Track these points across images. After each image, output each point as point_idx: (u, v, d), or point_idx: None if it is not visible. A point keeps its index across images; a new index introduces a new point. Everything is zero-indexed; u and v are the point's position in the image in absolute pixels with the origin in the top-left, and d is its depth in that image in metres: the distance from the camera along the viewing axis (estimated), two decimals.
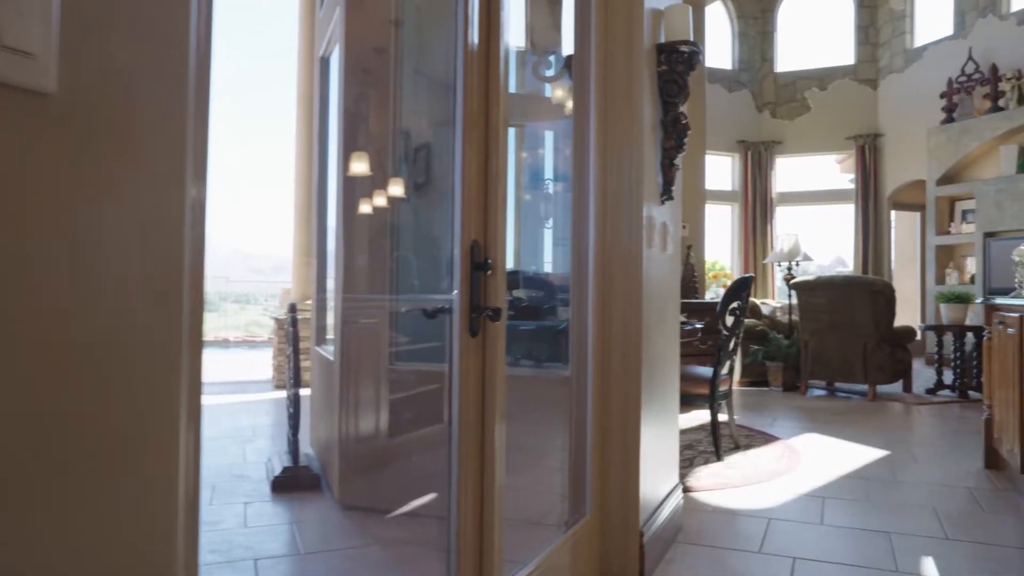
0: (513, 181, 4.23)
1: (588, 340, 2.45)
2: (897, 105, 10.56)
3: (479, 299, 1.55)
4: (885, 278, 10.72)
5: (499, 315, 1.56)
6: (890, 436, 4.93)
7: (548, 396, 3.00)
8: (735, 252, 11.39)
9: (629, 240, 2.43)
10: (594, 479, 2.48)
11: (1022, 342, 3.38)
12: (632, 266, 2.44)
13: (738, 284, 4.16)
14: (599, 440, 2.49)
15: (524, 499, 2.94)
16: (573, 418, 2.53)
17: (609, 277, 2.44)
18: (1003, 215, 8.87)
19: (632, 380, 2.48)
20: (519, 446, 3.26)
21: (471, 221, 1.56)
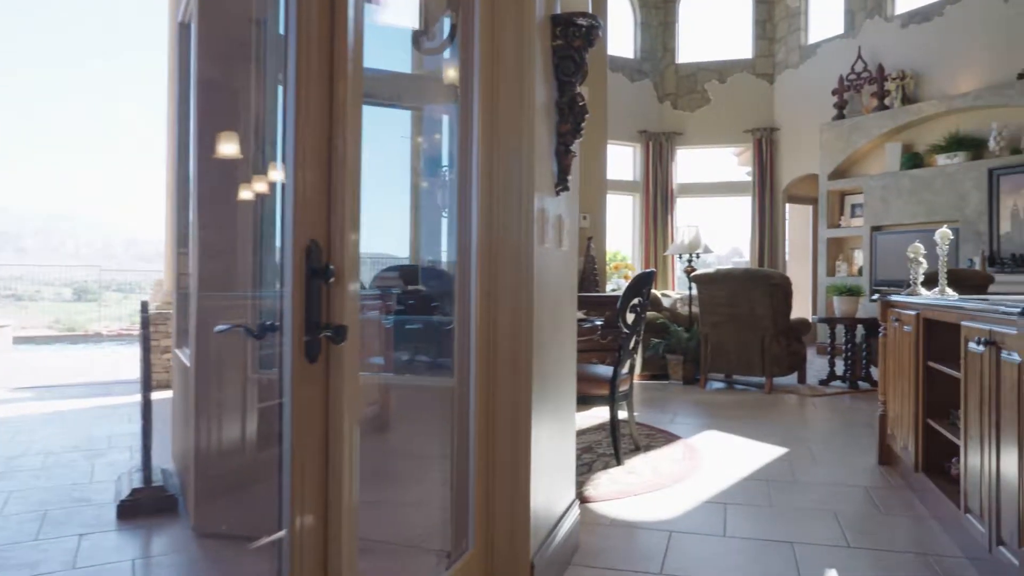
0: (410, 168, 3.92)
1: (471, 347, 2.15)
2: (792, 100, 10.78)
3: (317, 314, 1.22)
4: (780, 269, 10.97)
5: (342, 335, 1.23)
6: (788, 432, 4.90)
7: (437, 403, 2.70)
8: (636, 243, 11.40)
9: (519, 235, 2.15)
10: (479, 506, 2.20)
11: (919, 341, 3.32)
12: (522, 264, 2.16)
13: (639, 280, 3.97)
14: (484, 460, 2.21)
15: (406, 521, 2.63)
16: (456, 434, 2.24)
17: (495, 276, 2.16)
18: (888, 210, 9.19)
19: (522, 390, 2.21)
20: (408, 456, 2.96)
21: (307, 216, 1.24)
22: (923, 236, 8.82)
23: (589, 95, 7.39)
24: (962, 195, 8.39)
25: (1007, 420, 2.22)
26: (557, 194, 2.43)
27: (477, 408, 2.17)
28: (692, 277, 7.06)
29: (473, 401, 2.16)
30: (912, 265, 3.76)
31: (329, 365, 1.27)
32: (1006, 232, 8.02)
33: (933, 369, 3.22)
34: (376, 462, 2.91)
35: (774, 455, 4.25)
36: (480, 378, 2.17)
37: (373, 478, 2.84)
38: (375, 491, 2.74)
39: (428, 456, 2.72)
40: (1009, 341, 2.18)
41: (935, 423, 3.20)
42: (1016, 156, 7.95)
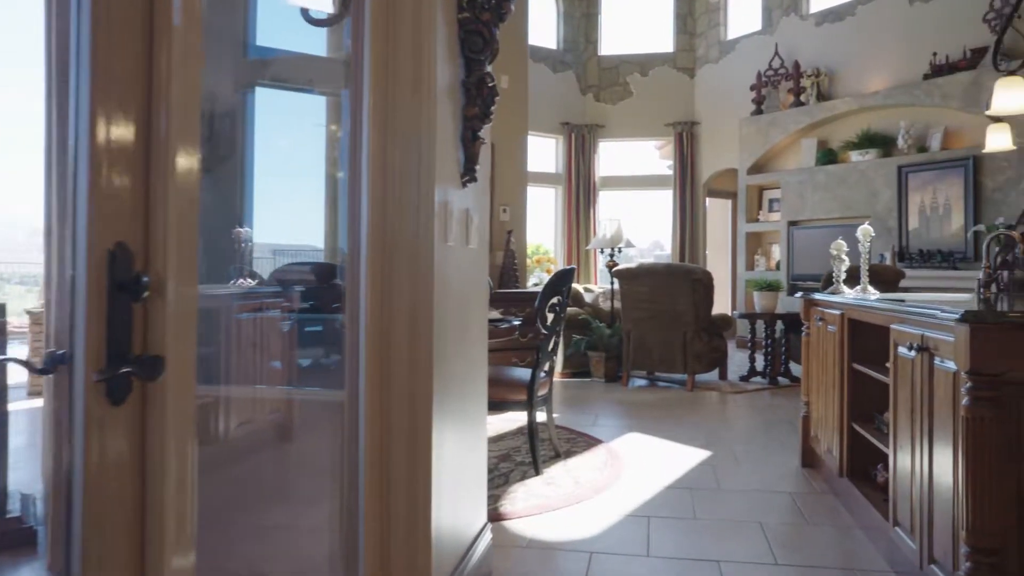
0: (325, 157, 3.60)
1: (360, 353, 1.87)
2: (712, 95, 10.82)
3: (125, 342, 0.92)
4: (700, 263, 11.03)
5: (157, 369, 0.94)
6: (710, 432, 4.79)
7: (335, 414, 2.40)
8: (559, 236, 11.25)
9: (417, 232, 1.87)
10: (370, 533, 1.91)
11: (844, 342, 3.22)
12: (421, 264, 1.88)
13: (558, 278, 3.75)
14: (377, 480, 1.93)
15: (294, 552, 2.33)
16: (346, 451, 1.95)
17: (390, 277, 1.87)
18: (805, 205, 9.31)
19: (421, 405, 1.94)
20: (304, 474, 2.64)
21: (110, 209, 0.93)
22: (838, 231, 8.98)
23: (510, 84, 7.12)
24: (874, 191, 8.56)
25: (941, 431, 2.09)
26: (464, 186, 2.16)
27: (367, 420, 1.89)
28: (614, 272, 6.92)
29: (363, 413, 1.88)
30: (835, 263, 3.67)
31: (145, 409, 0.97)
32: (914, 228, 8.21)
33: (858, 371, 3.12)
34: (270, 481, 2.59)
35: (697, 459, 4.11)
36: (371, 388, 1.89)
37: (260, 501, 2.52)
38: (261, 516, 2.42)
39: (324, 474, 2.42)
40: (944, 348, 2.05)
41: (860, 427, 3.10)
42: (923, 154, 8.14)
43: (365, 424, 1.89)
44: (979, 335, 1.80)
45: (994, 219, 7.40)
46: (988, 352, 1.81)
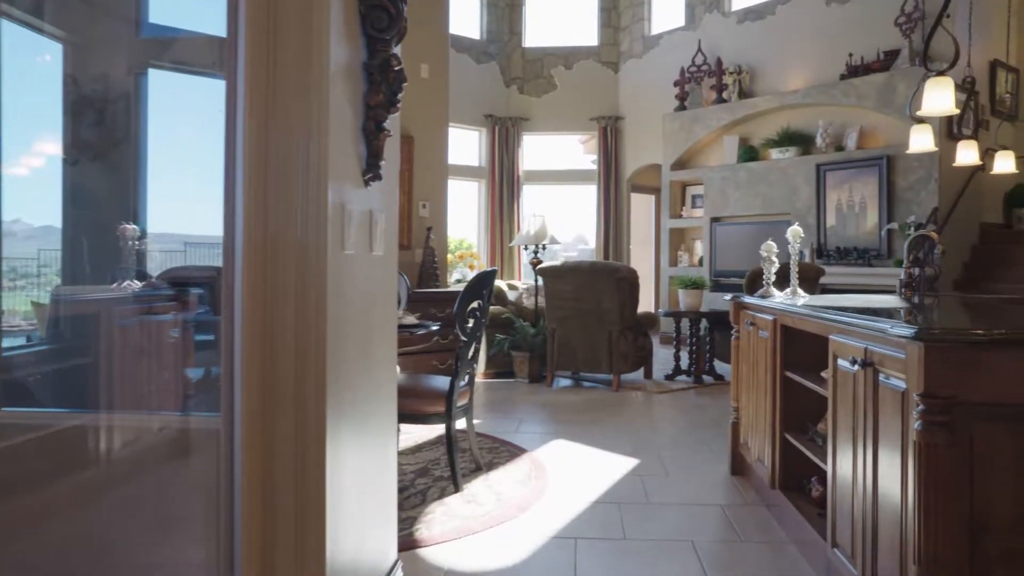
0: None
1: (236, 378, 1.58)
2: (636, 89, 10.76)
3: None
4: (624, 259, 10.98)
5: None
6: (637, 437, 4.64)
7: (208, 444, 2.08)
8: (483, 231, 11.00)
9: (307, 238, 1.59)
10: None
11: (776, 349, 3.09)
12: (311, 276, 1.60)
13: (478, 281, 3.50)
14: (256, 525, 1.64)
15: None
16: (222, 490, 1.65)
17: (275, 288, 1.59)
18: (727, 201, 9.35)
19: (311, 430, 1.66)
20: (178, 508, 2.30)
21: None
22: (760, 228, 9.07)
23: (430, 74, 6.80)
24: (793, 189, 8.65)
25: (887, 453, 1.95)
26: (366, 184, 1.88)
27: (245, 449, 1.60)
28: (538, 270, 6.72)
29: (239, 455, 1.59)
30: (765, 264, 3.55)
31: None
32: (831, 225, 8.34)
33: (792, 380, 2.99)
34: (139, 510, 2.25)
35: (625, 468, 3.94)
36: (249, 413, 1.60)
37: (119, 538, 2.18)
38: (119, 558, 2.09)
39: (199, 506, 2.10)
40: (891, 364, 1.90)
41: (793, 438, 2.97)
42: (840, 152, 8.27)
43: (242, 455, 1.60)
44: (935, 355, 1.65)
45: (906, 217, 7.57)
46: (943, 373, 1.66)
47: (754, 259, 8.92)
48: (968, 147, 4.54)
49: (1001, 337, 1.65)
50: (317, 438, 1.66)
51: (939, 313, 2.49)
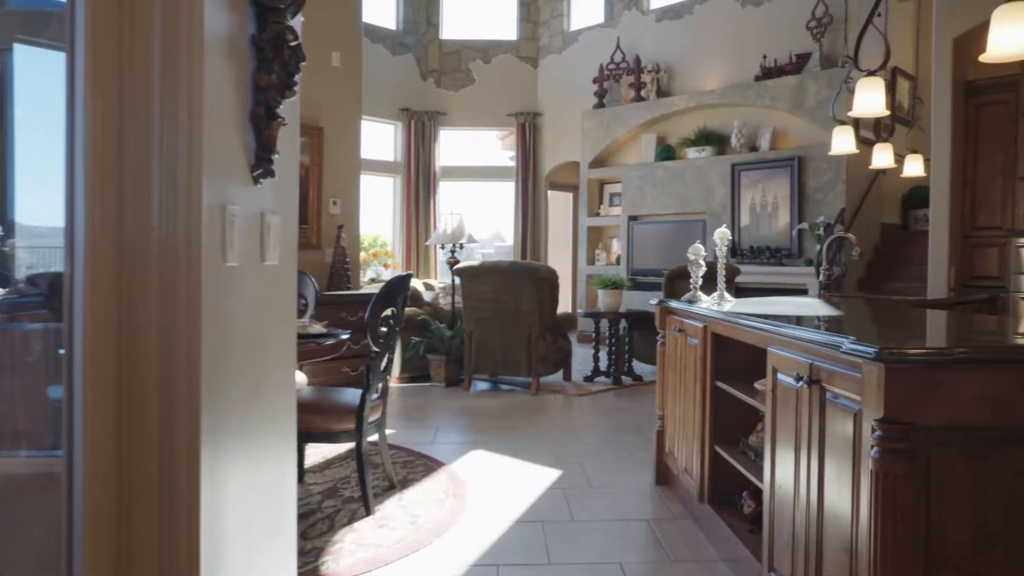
0: None
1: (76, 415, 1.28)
2: (555, 86, 10.64)
3: None
4: (542, 257, 10.86)
5: None
6: (559, 445, 4.47)
7: None
8: (398, 228, 10.65)
9: (174, 245, 1.30)
10: None
11: (706, 357, 2.95)
12: (183, 290, 1.31)
13: (392, 287, 3.23)
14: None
15: None
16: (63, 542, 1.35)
17: (134, 305, 1.29)
18: (645, 200, 9.35)
19: (183, 482, 1.38)
20: None
21: None
22: (677, 227, 9.11)
23: (342, 62, 6.44)
24: (709, 188, 8.71)
25: (835, 478, 1.81)
26: (256, 181, 1.60)
27: (88, 497, 1.30)
28: (456, 271, 6.47)
29: (79, 487, 1.29)
30: (693, 267, 3.42)
31: None
32: (745, 225, 8.44)
33: (723, 390, 2.86)
34: None
35: (547, 481, 3.76)
36: (95, 451, 1.31)
37: None
38: None
39: None
40: (841, 383, 1.76)
41: (724, 450, 2.85)
42: (753, 153, 8.37)
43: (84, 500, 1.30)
44: (896, 377, 1.51)
45: (815, 218, 7.72)
46: (903, 397, 1.52)
47: (671, 258, 8.96)
48: (884, 150, 4.59)
49: (963, 356, 1.53)
50: (190, 480, 1.38)
51: (880, 325, 2.39)
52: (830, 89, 7.65)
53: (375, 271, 9.33)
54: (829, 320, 2.40)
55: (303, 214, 6.15)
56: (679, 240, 9.00)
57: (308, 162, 6.19)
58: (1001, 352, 1.60)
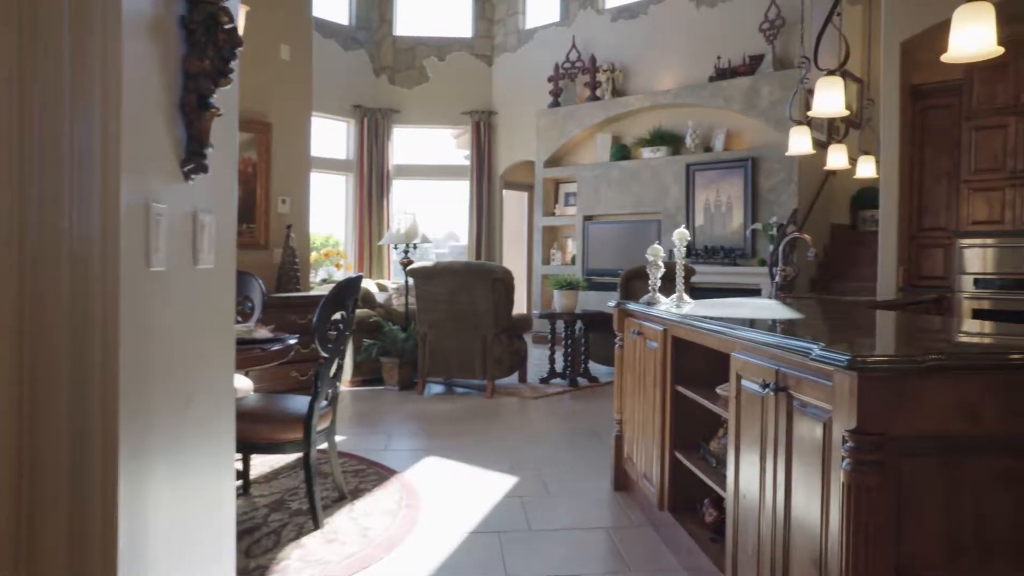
0: None
1: None
2: (510, 84, 10.55)
3: None
4: (497, 257, 10.77)
5: None
6: (515, 450, 4.38)
7: None
8: (350, 227, 10.43)
9: (88, 248, 1.16)
10: None
11: (666, 361, 2.89)
12: (98, 299, 1.17)
13: (342, 289, 3.09)
14: None
15: None
16: None
17: (39, 316, 1.15)
18: (599, 199, 9.32)
19: (96, 513, 1.24)
20: None
21: None
22: (632, 227, 9.10)
23: (292, 56, 6.24)
24: (664, 188, 8.73)
25: (803, 488, 1.75)
26: (187, 178, 1.45)
27: None
28: (409, 271, 6.33)
29: None
30: (651, 269, 3.36)
31: None
32: (700, 225, 8.47)
33: (683, 395, 2.80)
34: None
35: (503, 488, 3.66)
36: None
37: None
38: None
39: None
40: (810, 391, 1.70)
41: (684, 457, 2.78)
42: (708, 153, 8.41)
43: None
44: (869, 385, 1.45)
45: (768, 218, 7.78)
46: (876, 406, 1.46)
47: (627, 257, 8.95)
48: (838, 151, 4.61)
49: (936, 363, 1.47)
50: (105, 518, 1.24)
51: (846, 331, 2.35)
52: (783, 91, 7.73)
53: (327, 271, 9.11)
54: (793, 324, 2.36)
55: (250, 213, 5.93)
56: (634, 240, 9.00)
57: (256, 159, 5.98)
58: (974, 358, 1.55)
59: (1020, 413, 1.55)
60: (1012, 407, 1.53)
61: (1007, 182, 6.30)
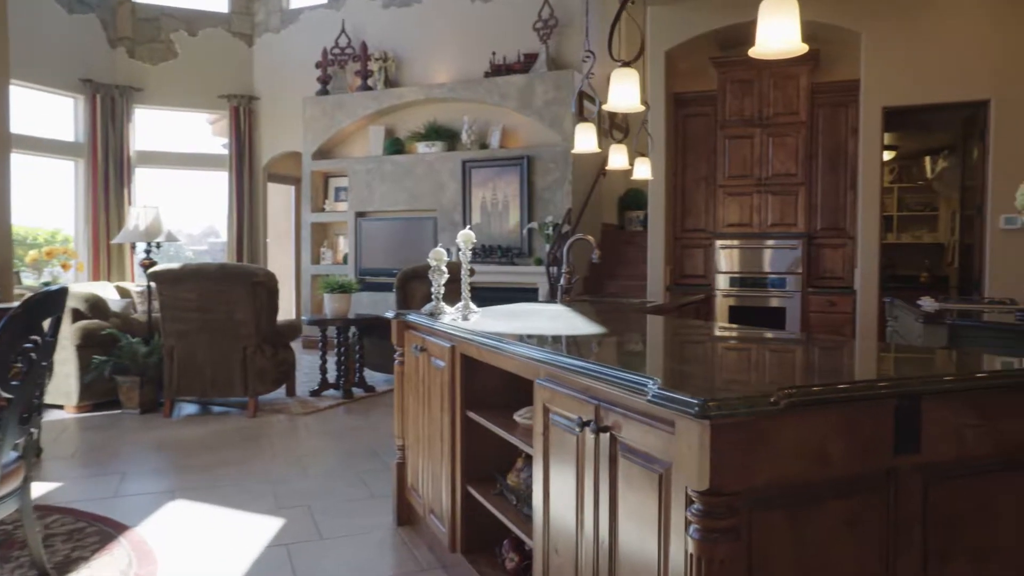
0: None
1: None
2: (274, 68, 9.66)
3: None
4: (261, 255, 9.85)
5: None
6: (281, 483, 3.79)
7: None
8: (81, 221, 8.91)
9: None
10: None
11: (456, 383, 2.52)
12: None
13: (33, 305, 2.34)
14: None
15: None
16: None
17: None
18: (373, 195, 8.82)
19: None
20: None
21: None
22: (407, 224, 8.70)
23: None
24: (440, 184, 8.44)
25: (637, 548, 1.46)
26: None
27: None
28: (151, 274, 5.40)
29: None
30: (434, 275, 2.97)
31: None
32: (477, 223, 8.29)
33: (476, 422, 2.45)
34: None
35: (267, 535, 3.08)
36: None
37: None
38: None
39: None
40: (642, 436, 1.40)
41: (479, 492, 2.44)
42: (484, 150, 8.26)
43: None
44: (725, 435, 1.17)
45: (544, 217, 7.79)
46: (733, 459, 1.19)
47: (402, 256, 8.54)
48: (619, 151, 4.57)
49: (794, 401, 1.23)
50: None
51: (668, 352, 2.12)
52: (557, 90, 7.77)
53: (51, 274, 7.67)
54: (606, 343, 2.09)
55: None
56: (410, 238, 8.63)
57: None
58: (832, 392, 1.33)
59: (868, 448, 1.37)
60: (861, 443, 1.35)
61: (755, 188, 6.80)
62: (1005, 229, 5.78)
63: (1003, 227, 5.79)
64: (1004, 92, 5.79)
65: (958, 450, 1.50)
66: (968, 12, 5.94)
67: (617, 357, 1.72)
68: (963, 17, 5.95)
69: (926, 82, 6.04)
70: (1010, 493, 1.58)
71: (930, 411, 1.45)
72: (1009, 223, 5.75)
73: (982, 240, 6.02)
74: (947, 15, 6.00)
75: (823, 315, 6.50)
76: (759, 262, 6.78)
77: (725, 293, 6.86)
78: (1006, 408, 1.55)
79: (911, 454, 1.43)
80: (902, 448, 1.42)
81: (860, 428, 1.38)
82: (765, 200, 6.73)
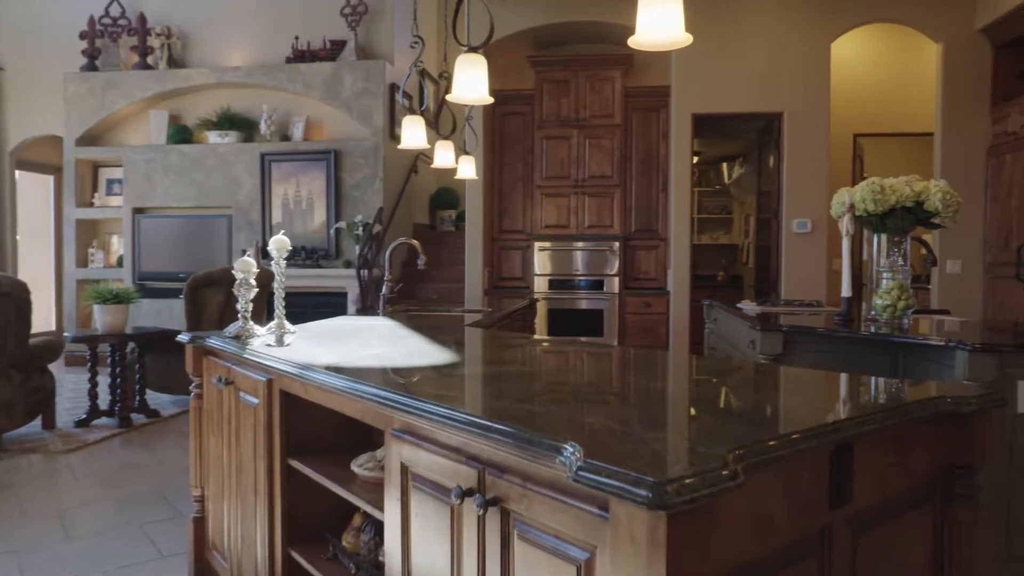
0: None
1: None
2: (23, 35, 8.20)
3: None
4: (8, 259, 8.34)
5: None
6: (30, 553, 3.01)
7: None
8: None
9: None
10: None
11: (274, 425, 2.04)
12: None
13: None
14: None
15: None
16: None
17: None
18: (154, 189, 7.78)
19: None
20: None
21: None
22: (197, 222, 7.74)
23: None
24: (235, 179, 7.62)
25: None
26: None
27: None
28: None
29: None
30: (241, 290, 2.45)
31: None
32: (278, 222, 7.60)
33: (300, 473, 1.99)
34: None
35: None
36: None
37: None
38: None
39: None
40: (551, 513, 1.07)
41: (306, 558, 1.98)
42: (286, 143, 7.58)
43: None
44: (683, 524, 0.86)
45: (354, 216, 7.28)
46: (692, 555, 0.89)
47: (191, 259, 7.59)
48: (446, 148, 4.24)
49: (749, 464, 0.96)
50: None
51: (567, 398, 1.79)
52: (366, 81, 7.27)
53: None
54: (465, 374, 1.73)
55: None
56: (200, 238, 7.71)
57: None
58: (779, 448, 1.08)
59: (806, 507, 1.15)
60: (799, 501, 1.12)
61: (572, 190, 6.78)
62: (797, 233, 6.21)
63: (795, 231, 6.22)
64: (795, 106, 6.22)
65: (881, 493, 1.33)
66: (768, 31, 6.31)
67: (501, 404, 1.36)
68: (763, 35, 6.31)
69: (730, 93, 6.33)
70: (917, 528, 1.46)
71: (862, 454, 1.26)
72: (800, 227, 6.18)
73: (778, 243, 6.43)
74: (749, 33, 6.33)
75: (639, 316, 6.62)
76: (576, 264, 6.77)
77: (543, 296, 6.78)
78: (919, 440, 1.42)
79: (843, 506, 1.24)
80: (836, 500, 1.22)
81: (799, 484, 1.16)
82: (582, 202, 6.73)
